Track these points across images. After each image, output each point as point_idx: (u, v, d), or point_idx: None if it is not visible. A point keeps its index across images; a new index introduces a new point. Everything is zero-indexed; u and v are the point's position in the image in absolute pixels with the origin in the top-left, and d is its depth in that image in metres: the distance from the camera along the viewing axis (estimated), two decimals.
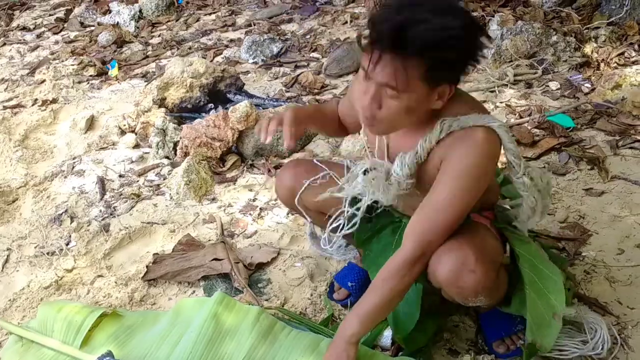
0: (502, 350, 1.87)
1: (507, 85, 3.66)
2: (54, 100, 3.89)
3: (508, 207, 1.81)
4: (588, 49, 3.88)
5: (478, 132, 1.53)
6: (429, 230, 1.58)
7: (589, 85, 3.57)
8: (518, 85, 3.68)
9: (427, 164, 1.62)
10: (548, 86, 3.64)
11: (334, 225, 1.86)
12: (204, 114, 3.45)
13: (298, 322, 2.01)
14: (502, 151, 1.61)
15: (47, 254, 2.50)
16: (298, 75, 4.03)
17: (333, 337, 1.88)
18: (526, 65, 3.86)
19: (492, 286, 1.66)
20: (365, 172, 1.71)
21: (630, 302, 2.05)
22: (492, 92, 3.62)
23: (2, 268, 2.47)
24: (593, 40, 4.01)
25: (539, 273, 1.72)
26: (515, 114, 3.32)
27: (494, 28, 4.27)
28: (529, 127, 3.15)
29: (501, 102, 3.48)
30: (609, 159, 2.86)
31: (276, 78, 4.13)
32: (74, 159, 3.25)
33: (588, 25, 4.21)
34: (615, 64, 3.72)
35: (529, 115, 3.29)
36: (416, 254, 1.58)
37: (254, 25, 5.15)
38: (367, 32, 1.45)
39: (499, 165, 1.80)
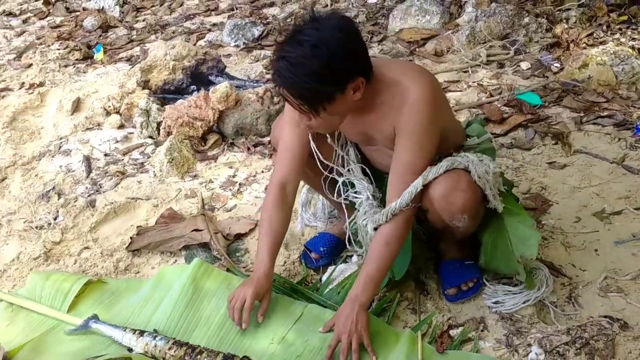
0: (452, 293, 2.06)
1: (480, 65, 3.79)
2: (41, 84, 3.99)
3: (476, 144, 2.03)
4: (559, 29, 4.01)
5: (410, 92, 1.73)
6: None
7: (558, 65, 3.70)
8: (490, 65, 3.81)
9: (378, 124, 1.82)
10: (519, 66, 3.77)
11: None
12: (186, 96, 3.55)
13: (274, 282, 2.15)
14: None
15: (36, 228, 2.61)
16: None
17: (305, 296, 2.04)
18: (499, 46, 3.98)
19: (477, 207, 1.88)
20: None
21: (582, 264, 2.20)
22: (465, 72, 3.74)
23: None
24: (564, 21, 4.14)
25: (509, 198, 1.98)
26: (486, 93, 3.45)
27: (469, 10, 4.39)
28: (499, 105, 3.29)
29: (474, 82, 3.61)
30: (572, 134, 2.99)
31: (257, 61, 4.24)
32: (60, 139, 3.35)
33: (560, 7, 4.33)
34: (584, 45, 3.85)
35: (500, 94, 3.42)
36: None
37: (236, 9, 5.24)
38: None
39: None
